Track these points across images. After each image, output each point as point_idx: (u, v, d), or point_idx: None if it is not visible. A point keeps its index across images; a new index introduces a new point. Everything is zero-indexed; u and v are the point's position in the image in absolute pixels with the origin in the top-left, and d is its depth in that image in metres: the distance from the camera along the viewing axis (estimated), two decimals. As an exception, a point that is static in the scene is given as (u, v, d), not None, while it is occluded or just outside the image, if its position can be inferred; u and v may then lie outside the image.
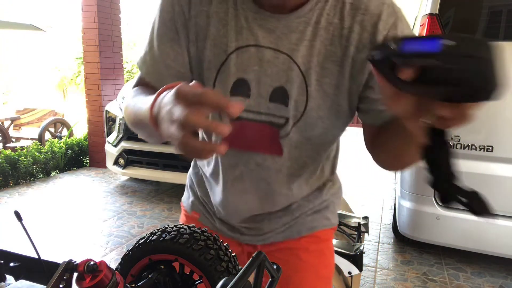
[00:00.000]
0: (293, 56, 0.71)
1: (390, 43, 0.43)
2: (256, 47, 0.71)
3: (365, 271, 2.70)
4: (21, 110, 7.00)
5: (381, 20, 0.68)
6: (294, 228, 0.88)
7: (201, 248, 0.49)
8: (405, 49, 0.42)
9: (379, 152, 0.76)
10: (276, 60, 0.71)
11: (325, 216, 0.91)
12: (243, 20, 0.72)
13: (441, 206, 2.60)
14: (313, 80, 0.71)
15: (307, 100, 0.72)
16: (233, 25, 0.72)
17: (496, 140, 2.44)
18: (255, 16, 0.71)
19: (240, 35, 0.72)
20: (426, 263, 2.83)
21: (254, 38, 0.71)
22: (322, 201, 0.90)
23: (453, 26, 2.50)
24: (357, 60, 0.70)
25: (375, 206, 4.00)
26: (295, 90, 0.72)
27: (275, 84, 0.72)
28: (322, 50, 0.70)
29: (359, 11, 0.69)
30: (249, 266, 0.37)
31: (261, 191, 0.82)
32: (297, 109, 0.73)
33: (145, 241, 0.51)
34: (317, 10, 0.70)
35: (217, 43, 0.73)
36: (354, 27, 0.69)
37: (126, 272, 0.52)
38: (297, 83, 0.71)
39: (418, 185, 2.66)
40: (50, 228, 3.31)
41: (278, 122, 0.74)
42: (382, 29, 0.68)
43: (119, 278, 0.40)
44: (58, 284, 0.41)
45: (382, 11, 0.69)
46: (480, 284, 2.57)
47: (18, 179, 4.55)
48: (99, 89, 5.16)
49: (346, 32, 0.69)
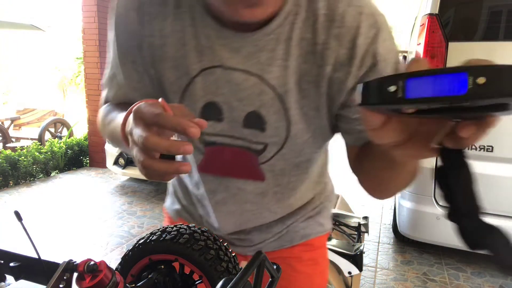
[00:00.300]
0: (265, 77, 0.63)
1: (389, 84, 0.31)
2: (222, 68, 0.64)
3: (365, 271, 2.70)
4: (21, 110, 7.01)
5: (360, 33, 0.60)
6: (287, 237, 0.85)
7: (201, 248, 0.49)
8: (412, 95, 0.30)
9: (362, 178, 0.68)
10: (246, 83, 0.64)
11: (319, 222, 0.87)
12: (204, 39, 0.63)
13: (441, 206, 2.60)
14: (292, 103, 0.64)
15: (289, 125, 0.66)
16: (193, 45, 0.64)
17: (496, 140, 2.44)
18: (218, 35, 0.63)
19: (202, 55, 0.64)
20: (426, 263, 2.83)
21: (219, 59, 0.64)
22: (314, 206, 0.86)
23: (453, 26, 2.50)
24: (335, 80, 0.62)
25: (375, 206, 4.00)
26: (272, 115, 0.65)
27: (248, 109, 0.66)
28: (297, 69, 0.63)
29: (335, 23, 0.60)
30: (249, 266, 0.37)
31: (248, 212, 0.78)
32: (278, 135, 0.67)
33: (145, 241, 0.51)
34: (287, 25, 0.61)
35: (177, 65, 0.66)
36: (329, 42, 0.61)
37: (126, 272, 0.52)
38: (273, 107, 0.65)
39: (418, 185, 2.66)
40: (50, 228, 3.30)
41: (255, 148, 0.69)
42: (361, 44, 0.60)
43: (119, 278, 0.40)
44: (58, 284, 0.41)
45: (360, 22, 0.60)
46: (480, 284, 2.57)
47: (18, 179, 4.55)
48: (99, 89, 5.16)
49: (321, 49, 0.61)
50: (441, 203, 2.59)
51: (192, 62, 0.65)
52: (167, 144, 0.43)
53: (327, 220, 0.90)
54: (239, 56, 0.63)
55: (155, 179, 0.48)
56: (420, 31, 2.58)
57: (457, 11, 2.53)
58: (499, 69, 0.27)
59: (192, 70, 0.65)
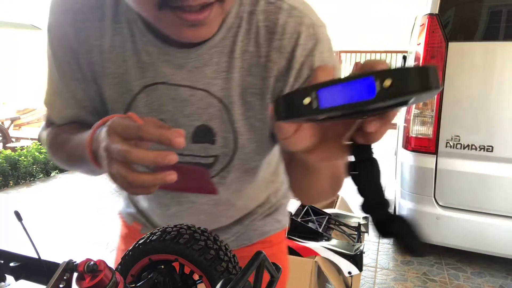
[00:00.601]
0: (211, 90, 0.62)
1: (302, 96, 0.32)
2: (166, 85, 0.62)
3: (365, 271, 2.70)
4: (21, 110, 7.01)
5: (298, 44, 0.59)
6: (245, 236, 0.85)
7: (201, 248, 0.49)
8: (326, 105, 0.32)
9: (289, 184, 0.68)
10: (192, 98, 0.63)
11: (276, 219, 0.88)
12: (145, 56, 0.61)
13: (441, 206, 2.60)
14: (237, 115, 0.64)
15: (236, 137, 0.66)
16: (135, 61, 0.62)
17: (496, 140, 2.44)
18: (160, 52, 0.61)
19: (145, 72, 0.62)
20: (426, 263, 2.83)
21: (162, 76, 0.62)
22: (271, 205, 0.86)
23: (453, 26, 2.50)
24: (276, 90, 0.63)
25: (375, 206, 4.00)
26: (221, 126, 0.65)
27: (196, 123, 0.64)
28: (240, 82, 0.62)
29: (276, 35, 0.60)
30: (249, 266, 0.37)
31: (203, 221, 0.77)
32: (227, 146, 0.66)
33: (145, 241, 0.51)
34: (230, 38, 0.61)
35: (119, 82, 0.64)
36: (271, 55, 0.60)
37: (126, 272, 0.52)
38: (221, 119, 0.64)
39: (418, 185, 2.66)
40: (50, 228, 3.31)
41: (206, 162, 0.68)
42: (299, 56, 0.60)
43: (119, 278, 0.40)
44: (58, 284, 0.41)
45: (300, 33, 0.59)
46: (480, 284, 2.57)
47: (18, 179, 4.55)
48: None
49: (264, 61, 0.61)
50: (441, 203, 2.60)
51: (134, 79, 0.63)
52: (152, 155, 0.43)
53: (284, 216, 0.91)
54: (184, 72, 0.61)
55: (140, 193, 0.47)
56: (420, 31, 2.58)
57: (457, 11, 2.53)
58: (402, 70, 0.29)
59: (134, 86, 0.63)
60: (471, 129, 2.47)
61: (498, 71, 2.39)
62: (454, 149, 2.50)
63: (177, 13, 0.49)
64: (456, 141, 2.49)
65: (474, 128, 2.46)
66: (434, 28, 2.44)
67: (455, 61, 2.45)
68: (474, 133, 2.47)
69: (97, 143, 0.49)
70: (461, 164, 2.50)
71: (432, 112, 2.50)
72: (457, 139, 2.49)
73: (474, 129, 2.47)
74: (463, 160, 2.48)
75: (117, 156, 0.44)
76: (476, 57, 2.46)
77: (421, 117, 2.54)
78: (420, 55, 2.51)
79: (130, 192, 0.47)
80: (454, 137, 2.49)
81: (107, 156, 0.45)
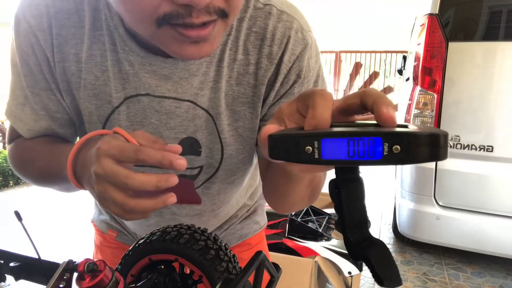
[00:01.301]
0: (197, 101, 0.60)
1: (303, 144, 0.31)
2: (149, 96, 0.59)
3: (365, 271, 2.70)
4: (21, 110, 7.00)
5: (287, 49, 0.58)
6: (224, 240, 0.83)
7: (201, 248, 0.49)
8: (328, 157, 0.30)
9: (265, 190, 0.66)
10: (177, 110, 0.60)
11: (254, 220, 0.86)
12: (127, 66, 0.58)
13: (441, 206, 2.60)
14: (225, 126, 0.62)
15: (223, 148, 0.64)
16: (116, 72, 0.58)
17: (496, 140, 2.44)
18: (143, 61, 0.57)
19: (126, 83, 0.59)
20: (426, 263, 2.83)
21: (145, 87, 0.58)
22: (249, 207, 0.85)
23: (453, 26, 2.50)
24: (265, 97, 0.61)
25: (375, 206, 4.00)
26: (208, 137, 0.63)
27: (181, 136, 0.62)
28: (229, 91, 0.60)
29: (266, 41, 0.58)
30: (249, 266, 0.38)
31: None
32: (213, 158, 0.65)
33: (145, 241, 0.51)
34: (220, 47, 0.58)
35: (97, 93, 0.59)
36: (261, 62, 0.59)
37: (126, 272, 0.52)
38: (207, 129, 0.62)
39: (418, 185, 2.66)
40: (50, 228, 3.31)
41: (191, 174, 0.66)
42: (287, 61, 0.59)
43: (119, 278, 0.40)
44: (58, 284, 0.41)
45: (289, 38, 0.58)
46: (480, 284, 2.57)
47: (18, 179, 4.55)
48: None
49: (253, 69, 0.59)
50: (441, 203, 2.60)
51: (115, 91, 0.59)
52: (155, 179, 0.40)
53: (262, 216, 0.90)
54: (169, 84, 0.58)
55: (136, 218, 0.44)
56: (420, 31, 2.58)
57: (457, 11, 2.53)
58: (413, 136, 0.28)
59: (114, 99, 0.59)
60: (471, 129, 2.47)
61: (498, 71, 2.39)
62: (454, 149, 2.50)
63: (178, 30, 0.46)
64: (456, 141, 2.49)
65: (474, 128, 2.46)
66: (434, 28, 2.44)
67: (455, 61, 2.45)
68: (474, 133, 2.47)
69: (82, 164, 0.46)
70: (461, 164, 2.50)
71: (432, 112, 2.50)
72: (457, 139, 2.49)
73: (474, 129, 2.47)
74: (463, 160, 2.48)
75: (113, 181, 0.41)
76: (476, 57, 2.46)
77: (421, 117, 2.54)
78: (420, 55, 2.51)
79: (125, 218, 0.43)
80: (454, 137, 2.49)
81: (97, 181, 0.42)
